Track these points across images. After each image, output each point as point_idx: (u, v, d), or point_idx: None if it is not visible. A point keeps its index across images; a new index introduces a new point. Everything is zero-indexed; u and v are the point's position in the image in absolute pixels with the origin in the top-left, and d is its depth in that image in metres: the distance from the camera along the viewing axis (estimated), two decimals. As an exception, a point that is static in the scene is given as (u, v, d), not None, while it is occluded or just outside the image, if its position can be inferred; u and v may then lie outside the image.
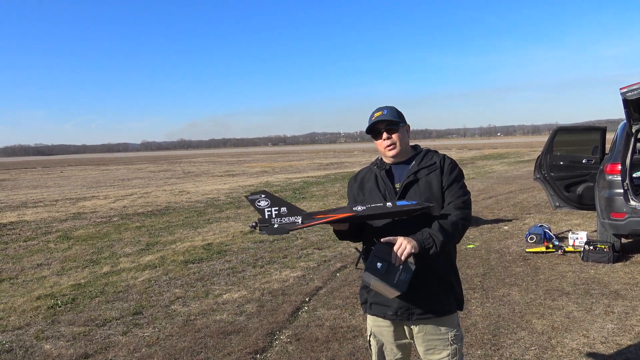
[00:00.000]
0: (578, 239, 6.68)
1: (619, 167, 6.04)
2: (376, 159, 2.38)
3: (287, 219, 2.09)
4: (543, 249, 6.68)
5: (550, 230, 7.31)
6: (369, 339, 2.37)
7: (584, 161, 7.59)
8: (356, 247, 2.32)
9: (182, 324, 4.60)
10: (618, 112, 6.06)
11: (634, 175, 6.73)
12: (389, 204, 2.04)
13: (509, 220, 9.37)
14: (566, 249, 6.60)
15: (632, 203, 5.84)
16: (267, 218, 2.10)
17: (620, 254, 6.22)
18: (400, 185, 2.19)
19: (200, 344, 4.12)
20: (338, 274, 6.10)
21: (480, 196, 12.98)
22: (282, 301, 5.13)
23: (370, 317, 2.33)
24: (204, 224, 10.42)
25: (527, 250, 6.80)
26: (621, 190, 5.93)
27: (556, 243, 6.79)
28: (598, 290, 5.07)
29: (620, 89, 5.33)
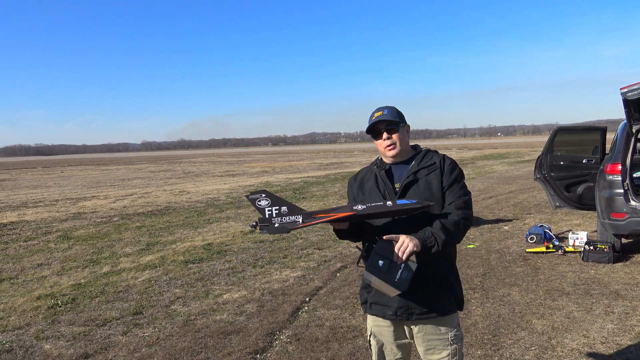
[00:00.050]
0: (578, 239, 6.68)
1: (619, 167, 6.04)
2: (376, 159, 2.38)
3: (288, 218, 2.09)
4: (543, 249, 6.68)
5: (550, 230, 7.31)
6: (369, 339, 2.37)
7: (584, 161, 7.60)
8: (357, 246, 2.32)
9: (182, 324, 4.61)
10: (618, 112, 6.07)
11: (634, 175, 6.73)
12: (389, 203, 2.04)
13: (509, 220, 9.36)
14: (566, 249, 6.60)
15: (633, 203, 5.84)
16: (268, 217, 2.10)
17: (620, 254, 6.22)
18: (400, 185, 2.19)
19: (201, 344, 4.12)
20: (338, 274, 6.10)
21: (481, 196, 12.98)
22: (282, 301, 5.13)
23: (370, 317, 2.33)
24: (204, 224, 10.43)
25: (527, 250, 6.80)
26: (621, 191, 5.94)
27: (556, 243, 6.79)
28: (598, 291, 5.07)
29: (621, 89, 5.33)
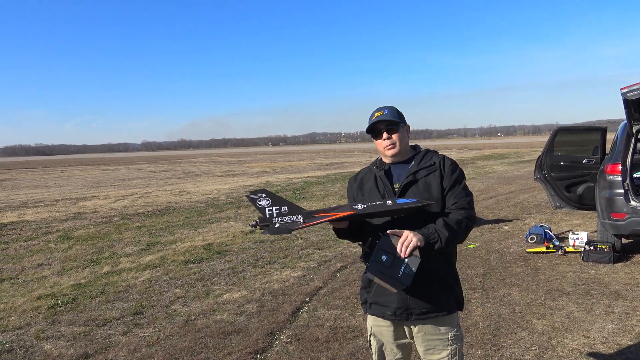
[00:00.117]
0: (578, 239, 6.68)
1: (620, 168, 6.04)
2: (376, 159, 2.38)
3: (288, 218, 2.09)
4: (543, 249, 6.68)
5: (550, 230, 7.31)
6: (369, 339, 2.37)
7: (584, 161, 7.59)
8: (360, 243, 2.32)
9: (183, 324, 4.61)
10: (618, 112, 6.07)
11: (635, 175, 6.73)
12: (389, 202, 2.05)
13: (510, 220, 9.36)
14: (567, 249, 6.60)
15: (633, 203, 5.84)
16: (268, 217, 2.10)
17: (620, 254, 6.22)
18: (399, 186, 2.19)
19: (201, 344, 4.12)
20: (338, 274, 6.10)
21: (481, 196, 12.98)
22: (283, 301, 5.13)
23: (370, 317, 2.33)
24: (204, 224, 10.43)
25: (528, 250, 6.80)
26: (622, 191, 5.94)
27: (556, 243, 6.79)
28: (598, 291, 5.07)
29: (621, 89, 5.33)
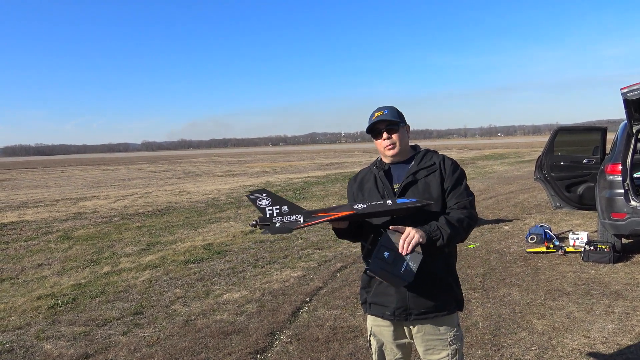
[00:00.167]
0: (579, 239, 6.68)
1: (620, 168, 6.04)
2: (376, 159, 2.38)
3: (289, 217, 2.09)
4: (543, 249, 6.68)
5: (550, 230, 7.31)
6: (369, 339, 2.37)
7: (584, 161, 7.60)
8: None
9: (183, 324, 4.61)
10: (618, 112, 6.08)
11: (635, 175, 6.73)
12: (389, 202, 2.05)
13: (510, 220, 9.36)
14: (567, 249, 6.60)
15: (633, 203, 5.84)
16: (269, 217, 2.10)
17: (620, 254, 6.22)
18: (399, 186, 2.19)
19: (201, 344, 4.12)
20: (338, 274, 6.10)
21: (481, 196, 12.98)
22: (283, 301, 5.13)
23: (370, 317, 2.33)
24: (204, 224, 10.43)
25: (528, 250, 6.80)
26: (622, 191, 5.94)
27: (557, 243, 6.79)
28: (598, 291, 5.07)
29: (621, 89, 5.33)
